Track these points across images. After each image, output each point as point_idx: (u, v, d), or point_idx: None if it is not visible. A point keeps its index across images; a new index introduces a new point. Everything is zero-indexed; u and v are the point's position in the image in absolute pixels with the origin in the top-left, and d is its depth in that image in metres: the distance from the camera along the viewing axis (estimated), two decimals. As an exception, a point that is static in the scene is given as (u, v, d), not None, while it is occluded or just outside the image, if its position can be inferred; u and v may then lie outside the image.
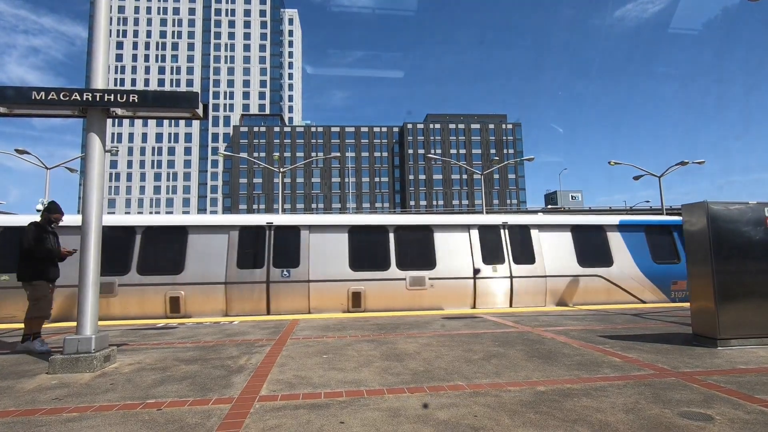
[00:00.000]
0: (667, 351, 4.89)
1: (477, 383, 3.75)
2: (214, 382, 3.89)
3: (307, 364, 4.53)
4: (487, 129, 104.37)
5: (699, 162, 31.62)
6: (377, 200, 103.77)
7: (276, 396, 3.49)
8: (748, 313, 5.10)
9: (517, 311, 8.70)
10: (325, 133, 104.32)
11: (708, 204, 5.19)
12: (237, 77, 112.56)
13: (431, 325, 6.91)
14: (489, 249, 9.60)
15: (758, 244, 5.20)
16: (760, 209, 5.25)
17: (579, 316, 7.76)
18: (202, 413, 3.12)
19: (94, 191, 4.68)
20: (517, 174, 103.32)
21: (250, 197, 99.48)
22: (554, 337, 5.76)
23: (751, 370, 4.06)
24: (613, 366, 4.27)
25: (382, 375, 4.06)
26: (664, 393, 3.42)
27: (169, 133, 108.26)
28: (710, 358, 4.57)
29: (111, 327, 7.13)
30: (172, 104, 4.98)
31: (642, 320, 7.26)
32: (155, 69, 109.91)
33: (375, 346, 5.39)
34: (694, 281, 5.40)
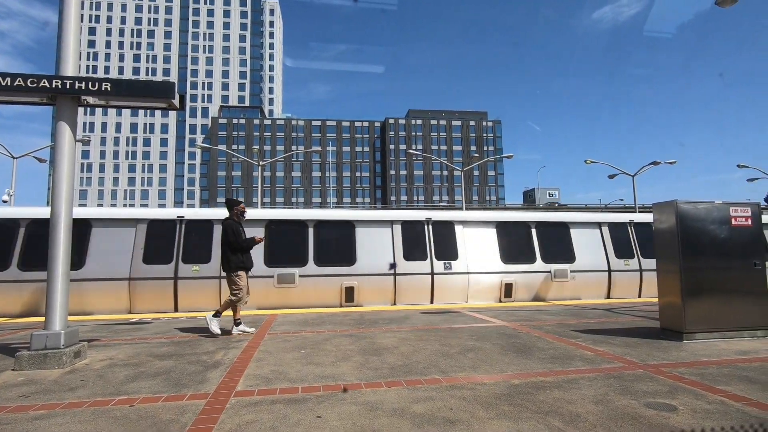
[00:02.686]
0: (636, 344, 5.06)
1: (453, 377, 3.81)
2: (189, 378, 3.83)
3: (284, 359, 4.50)
4: (467, 126, 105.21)
5: (670, 162, 32.65)
6: (358, 195, 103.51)
7: (253, 391, 3.46)
8: (713, 308, 5.33)
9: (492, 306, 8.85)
10: (306, 126, 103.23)
11: (677, 203, 5.37)
12: (216, 67, 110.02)
13: (410, 320, 6.96)
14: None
15: (723, 241, 5.42)
16: (725, 208, 5.47)
17: (554, 311, 7.95)
18: (176, 409, 3.07)
19: (64, 182, 4.52)
20: (497, 171, 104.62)
21: (228, 190, 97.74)
22: (529, 332, 5.89)
23: (713, 362, 4.24)
24: (585, 359, 4.39)
25: (360, 369, 4.07)
26: (631, 385, 3.54)
27: (145, 124, 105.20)
28: (676, 351, 4.75)
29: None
30: (147, 94, 4.85)
31: (614, 315, 7.49)
32: (130, 57, 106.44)
33: (353, 340, 5.40)
34: (663, 277, 5.60)
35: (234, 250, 5.99)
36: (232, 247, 5.99)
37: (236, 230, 6.04)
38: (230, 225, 6.05)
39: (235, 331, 5.95)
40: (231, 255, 6.00)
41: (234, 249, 5.99)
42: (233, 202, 6.35)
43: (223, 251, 6.07)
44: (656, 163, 31.72)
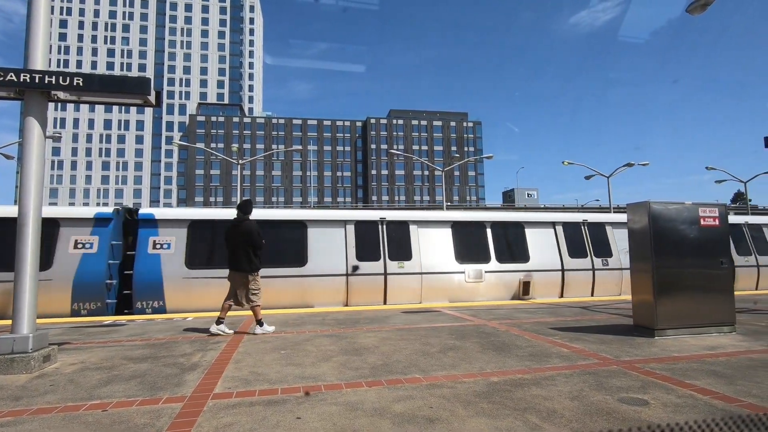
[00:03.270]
0: (610, 341, 5.20)
1: (434, 375, 3.83)
2: (166, 381, 3.75)
3: (264, 360, 4.45)
4: (448, 126, 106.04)
5: (643, 164, 33.62)
6: (339, 195, 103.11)
7: (231, 393, 3.41)
8: (683, 305, 5.52)
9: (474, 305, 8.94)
10: (287, 125, 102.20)
11: (650, 203, 5.54)
12: (194, 64, 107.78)
13: (391, 320, 6.98)
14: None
15: (693, 241, 5.62)
16: (694, 209, 5.67)
17: (531, 310, 8.09)
18: (151, 413, 3.00)
19: (32, 180, 4.36)
20: (477, 171, 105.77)
21: (206, 189, 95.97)
22: (508, 330, 5.98)
23: (683, 358, 4.39)
24: (562, 356, 4.49)
25: (340, 370, 4.06)
26: (606, 380, 3.64)
27: (119, 120, 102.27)
28: (648, 347, 4.90)
29: (57, 323, 6.69)
30: (121, 89, 4.71)
31: (589, 313, 7.67)
32: (103, 51, 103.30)
33: (334, 341, 5.38)
34: (636, 276, 5.77)
35: (256, 252, 6.09)
36: (258, 249, 6.11)
37: (260, 233, 6.17)
38: (256, 227, 6.14)
39: (214, 330, 5.84)
40: (254, 257, 6.06)
41: (257, 251, 6.11)
42: (251, 203, 6.42)
43: (247, 252, 6.01)
44: (630, 165, 32.62)
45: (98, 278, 8.08)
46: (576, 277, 10.51)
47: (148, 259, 8.42)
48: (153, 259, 8.44)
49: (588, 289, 10.59)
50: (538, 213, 12.10)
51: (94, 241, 8.30)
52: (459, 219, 10.47)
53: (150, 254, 8.46)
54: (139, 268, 8.34)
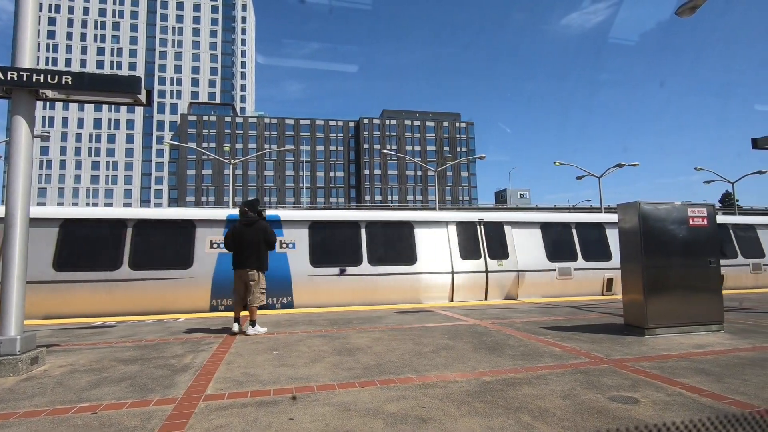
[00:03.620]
0: (601, 340, 5.24)
1: (426, 375, 3.84)
2: (156, 383, 3.71)
3: (256, 361, 4.43)
4: (441, 127, 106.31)
5: (633, 164, 33.98)
6: (332, 195, 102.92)
7: (223, 394, 3.39)
8: (672, 304, 5.58)
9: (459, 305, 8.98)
10: (279, 124, 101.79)
11: (640, 204, 5.60)
12: (185, 63, 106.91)
13: (384, 320, 6.98)
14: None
15: (682, 240, 5.69)
16: (683, 209, 5.74)
17: (524, 309, 8.14)
18: (142, 415, 2.97)
19: (20, 179, 4.30)
20: (470, 171, 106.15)
21: (198, 189, 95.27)
22: (500, 329, 6.00)
23: (672, 356, 4.44)
24: (553, 355, 4.52)
25: (333, 370, 4.05)
26: (597, 379, 3.67)
27: (109, 119, 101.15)
28: (638, 345, 4.95)
29: (50, 325, 6.60)
30: (111, 88, 4.65)
31: (581, 312, 7.73)
32: (93, 50, 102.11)
33: (327, 341, 5.36)
34: (626, 275, 5.82)
35: (267, 252, 6.16)
36: (272, 248, 6.20)
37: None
38: (270, 227, 6.21)
39: (264, 329, 6.03)
40: (266, 256, 6.14)
41: (270, 250, 6.19)
42: (259, 202, 6.47)
43: (262, 251, 6.09)
44: (621, 166, 32.96)
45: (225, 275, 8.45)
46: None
47: (276, 257, 8.64)
48: (281, 258, 8.88)
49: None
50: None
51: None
52: (548, 220, 11.00)
53: (277, 253, 8.78)
54: (271, 265, 8.60)
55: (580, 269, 10.53)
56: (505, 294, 10.05)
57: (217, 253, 8.60)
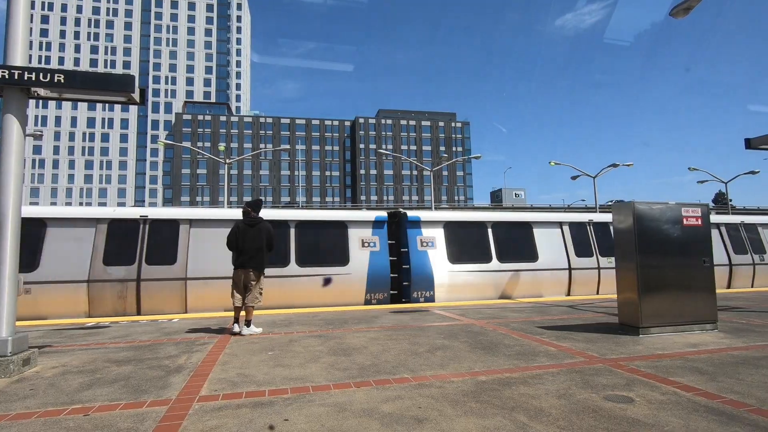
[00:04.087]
0: (596, 339, 5.26)
1: (422, 375, 3.83)
2: (150, 384, 3.68)
3: (251, 361, 4.40)
4: (437, 126, 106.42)
5: (628, 164, 34.17)
6: (327, 194, 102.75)
7: (217, 395, 3.36)
8: (666, 303, 5.61)
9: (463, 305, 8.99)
10: (275, 124, 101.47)
11: (634, 204, 5.62)
12: (180, 62, 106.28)
13: (379, 320, 6.97)
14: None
15: (676, 240, 5.72)
16: (677, 209, 5.77)
17: (519, 308, 8.16)
18: (135, 417, 2.94)
19: (11, 179, 4.24)
20: (465, 171, 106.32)
21: (193, 189, 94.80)
22: (496, 329, 6.01)
23: (667, 355, 4.47)
24: (549, 355, 4.53)
25: (329, 370, 4.04)
26: (592, 378, 3.68)
27: (103, 118, 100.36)
28: (633, 345, 4.98)
29: (38, 325, 6.53)
30: (104, 87, 4.61)
31: (576, 311, 7.76)
32: (87, 48, 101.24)
33: (323, 341, 5.35)
34: (621, 274, 5.85)
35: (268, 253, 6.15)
36: (272, 250, 6.21)
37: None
38: (272, 228, 6.21)
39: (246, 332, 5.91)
40: (266, 257, 6.13)
41: (271, 251, 6.19)
42: (261, 202, 6.51)
43: (263, 253, 6.08)
44: (615, 166, 33.14)
45: (385, 272, 9.45)
46: (738, 271, 11.92)
47: (419, 255, 9.68)
48: (423, 255, 9.73)
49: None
50: (723, 216, 13.11)
51: (376, 240, 9.68)
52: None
53: (419, 251, 9.73)
54: (415, 262, 9.61)
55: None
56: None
57: (368, 251, 9.51)
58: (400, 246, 9.95)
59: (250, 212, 6.21)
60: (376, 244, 9.60)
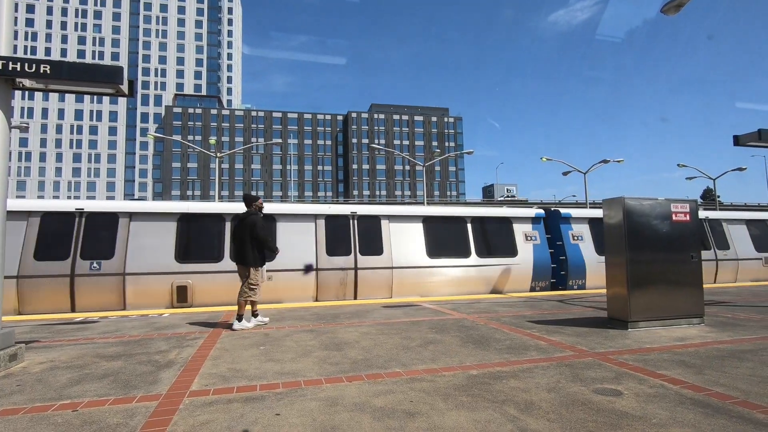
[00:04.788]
0: (586, 333, 5.32)
1: (414, 369, 3.85)
2: (140, 379, 3.65)
3: (242, 356, 4.39)
4: (429, 121, 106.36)
5: (618, 161, 34.47)
6: (320, 189, 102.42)
7: (208, 390, 3.35)
8: (655, 298, 5.68)
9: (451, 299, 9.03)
10: (267, 118, 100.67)
11: (624, 199, 5.67)
12: (170, 54, 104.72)
13: (372, 314, 6.98)
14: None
15: (665, 236, 5.78)
16: (667, 205, 5.83)
17: (510, 303, 8.21)
18: (124, 412, 2.92)
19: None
20: (457, 167, 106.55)
21: (183, 183, 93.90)
22: (487, 323, 6.05)
23: (654, 349, 4.53)
24: (539, 349, 4.57)
25: (320, 365, 4.03)
26: (581, 372, 3.72)
27: (91, 110, 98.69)
28: (622, 339, 5.04)
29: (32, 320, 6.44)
30: (92, 78, 4.52)
31: (566, 306, 7.84)
32: (74, 39, 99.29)
33: (314, 336, 5.34)
34: (611, 269, 5.91)
35: (259, 247, 6.11)
36: (261, 243, 6.11)
37: (266, 226, 6.23)
38: (260, 221, 6.16)
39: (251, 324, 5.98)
40: (256, 251, 6.09)
41: (260, 245, 6.12)
42: (252, 198, 6.41)
43: (247, 246, 6.04)
44: (606, 162, 33.40)
45: (547, 263, 10.67)
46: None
47: (573, 247, 10.88)
48: (575, 248, 10.90)
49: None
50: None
51: (537, 234, 10.84)
52: (754, 218, 13.16)
53: (572, 244, 10.91)
54: (570, 254, 10.81)
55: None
56: (706, 280, 12.12)
57: (531, 245, 10.65)
58: (554, 240, 11.17)
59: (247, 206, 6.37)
60: (536, 237, 10.77)
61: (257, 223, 6.08)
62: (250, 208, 6.31)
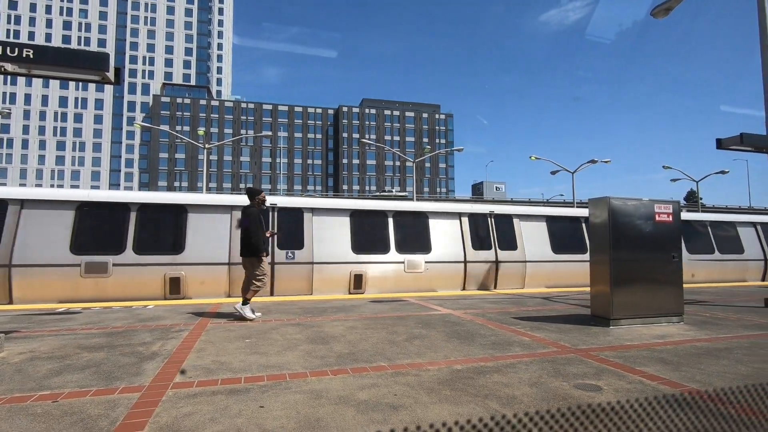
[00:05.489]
0: (569, 330, 5.41)
1: (399, 364, 3.88)
2: (123, 370, 3.62)
3: (227, 349, 4.37)
4: (421, 118, 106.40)
5: (605, 161, 34.92)
6: (309, 183, 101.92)
7: (192, 382, 3.33)
8: (636, 296, 5.80)
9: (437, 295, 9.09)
10: (257, 110, 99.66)
11: (610, 199, 5.76)
12: (158, 42, 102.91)
13: (359, 309, 7.00)
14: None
15: (648, 235, 5.89)
16: (650, 205, 5.94)
17: (496, 300, 8.30)
18: (106, 403, 2.89)
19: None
20: (447, 163, 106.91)
21: (171, 173, 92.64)
22: (473, 319, 6.11)
23: (635, 346, 4.63)
24: (523, 345, 4.63)
25: (306, 358, 4.04)
26: (563, 368, 3.79)
27: (76, 98, 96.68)
28: (603, 336, 5.14)
29: None
30: (77, 64, 4.43)
31: (550, 303, 7.95)
32: (59, 23, 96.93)
33: (301, 329, 5.34)
34: (595, 267, 6.00)
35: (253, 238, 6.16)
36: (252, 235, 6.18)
37: (259, 219, 6.27)
38: (254, 214, 6.24)
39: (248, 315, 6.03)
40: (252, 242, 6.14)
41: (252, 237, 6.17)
42: (255, 191, 6.54)
43: (245, 238, 6.20)
44: (593, 162, 33.82)
45: None
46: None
47: None
48: None
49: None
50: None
51: None
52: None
53: None
54: None
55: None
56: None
57: None
58: None
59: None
60: None
61: (251, 217, 6.16)
62: (252, 202, 6.39)
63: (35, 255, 7.82)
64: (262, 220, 6.33)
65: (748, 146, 7.88)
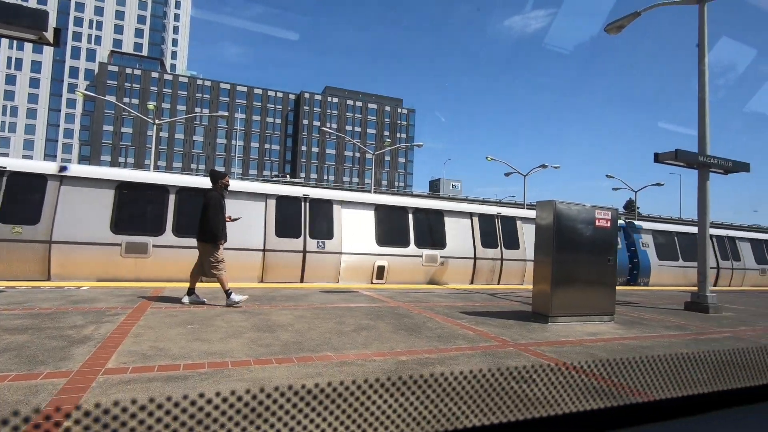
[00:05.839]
0: (510, 326, 5.65)
1: (345, 354, 3.89)
2: (48, 354, 3.38)
3: (167, 334, 4.20)
4: (383, 110, 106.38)
5: (555, 166, 36.59)
6: (265, 168, 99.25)
7: (126, 368, 3.17)
8: (574, 296, 6.15)
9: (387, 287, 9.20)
10: (213, 88, 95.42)
11: (555, 203, 6.05)
12: (108, 5, 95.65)
13: (309, 298, 6.94)
14: None
15: (588, 239, 6.26)
16: (592, 211, 6.30)
17: (445, 294, 8.52)
18: (27, 389, 2.69)
19: None
20: (407, 158, 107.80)
21: (115, 148, 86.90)
22: (421, 312, 6.24)
23: (569, 342, 4.92)
24: (467, 338, 4.79)
25: (250, 346, 3.96)
26: (502, 360, 3.96)
27: (9, 57, 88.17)
28: (542, 332, 5.42)
29: None
30: (9, 19, 4.03)
31: (496, 299, 8.27)
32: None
33: (247, 317, 5.22)
34: (538, 267, 6.30)
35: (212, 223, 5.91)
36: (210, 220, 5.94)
37: (220, 204, 6.03)
38: (214, 198, 6.00)
39: (186, 300, 5.95)
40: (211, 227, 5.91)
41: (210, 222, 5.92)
42: (219, 174, 6.27)
43: (204, 223, 5.96)
44: (544, 167, 35.33)
45: (626, 264, 13.33)
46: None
47: (643, 252, 13.73)
48: (644, 253, 13.79)
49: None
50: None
51: (619, 240, 12.62)
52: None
53: (642, 250, 13.77)
54: (641, 258, 13.64)
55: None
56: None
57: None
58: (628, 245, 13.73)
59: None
60: (619, 242, 12.59)
61: (211, 201, 5.94)
62: (215, 185, 6.17)
63: (76, 232, 7.61)
64: (223, 204, 6.11)
65: (682, 161, 8.54)
